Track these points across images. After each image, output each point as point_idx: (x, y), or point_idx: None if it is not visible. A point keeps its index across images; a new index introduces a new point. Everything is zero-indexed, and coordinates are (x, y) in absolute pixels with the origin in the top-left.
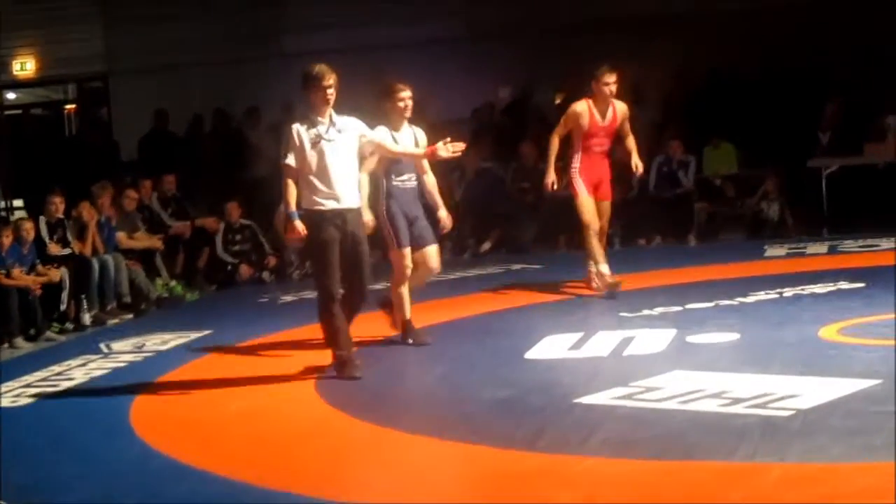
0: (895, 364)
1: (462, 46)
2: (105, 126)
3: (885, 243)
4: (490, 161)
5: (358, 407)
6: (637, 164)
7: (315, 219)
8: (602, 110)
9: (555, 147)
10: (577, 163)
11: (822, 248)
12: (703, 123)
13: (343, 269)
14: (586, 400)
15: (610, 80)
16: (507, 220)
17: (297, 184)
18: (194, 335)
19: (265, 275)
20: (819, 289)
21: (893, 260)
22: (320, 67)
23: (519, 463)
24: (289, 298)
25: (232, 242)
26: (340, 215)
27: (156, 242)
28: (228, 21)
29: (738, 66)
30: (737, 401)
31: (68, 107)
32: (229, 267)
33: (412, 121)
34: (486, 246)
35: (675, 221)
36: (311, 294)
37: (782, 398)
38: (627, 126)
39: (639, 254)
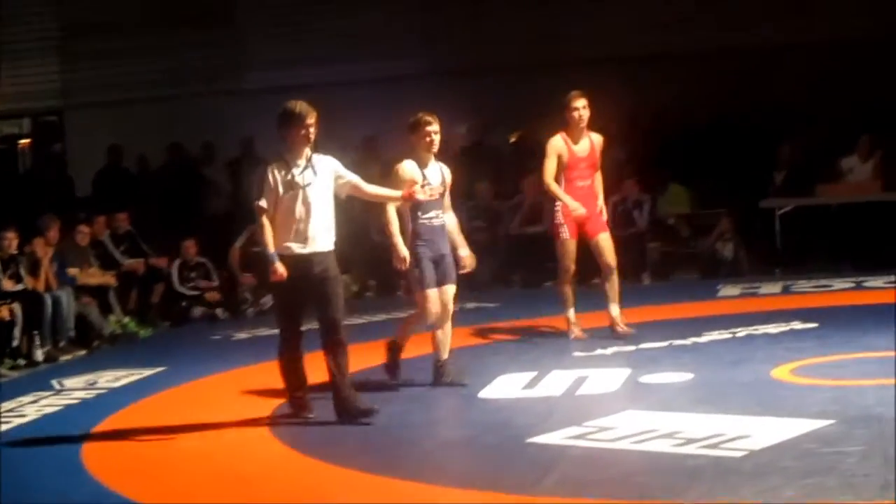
0: (848, 404)
1: (419, 84)
2: (60, 161)
3: (838, 283)
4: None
5: (311, 446)
6: (602, 207)
7: (283, 262)
8: (577, 140)
9: (558, 188)
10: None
11: (775, 288)
12: (659, 164)
13: (314, 307)
14: (540, 439)
15: (580, 105)
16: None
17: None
18: (148, 372)
19: (219, 311)
20: (772, 329)
21: (846, 300)
22: (301, 105)
23: (472, 502)
24: (242, 336)
25: (187, 280)
26: (308, 259)
27: (109, 279)
28: (185, 57)
29: (691, 107)
30: (689, 441)
31: (22, 142)
32: (183, 303)
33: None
34: None
35: (630, 261)
36: (265, 331)
37: (735, 438)
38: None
39: (592, 293)
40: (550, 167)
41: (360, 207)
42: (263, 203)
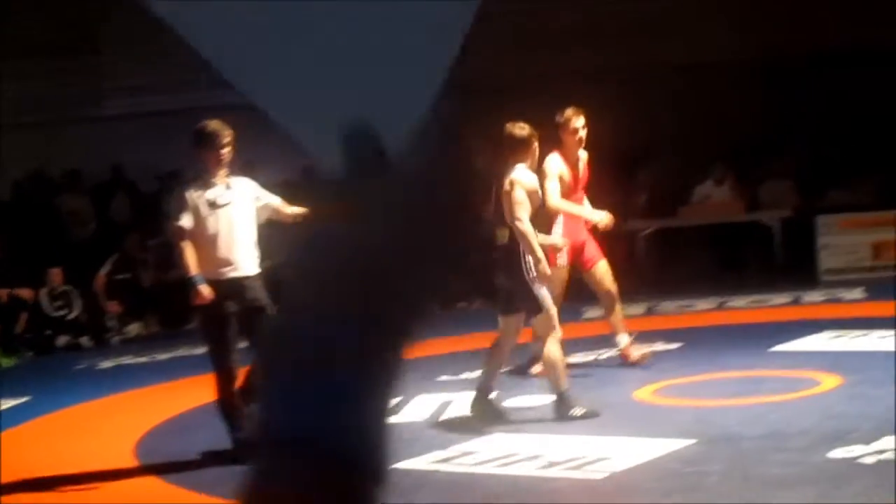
0: (709, 424)
1: None
2: None
3: (701, 304)
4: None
5: (181, 474)
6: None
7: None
8: (575, 161)
9: (571, 204)
10: (558, 231)
11: (639, 309)
12: None
13: (245, 337)
14: (404, 464)
15: (580, 125)
16: None
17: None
18: (11, 402)
19: (84, 340)
20: (635, 350)
21: (709, 321)
22: (215, 124)
23: None
24: (108, 364)
25: (53, 308)
26: (237, 284)
27: None
28: (46, 83)
29: None
30: (552, 464)
31: None
32: (48, 332)
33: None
34: None
35: (492, 284)
36: (129, 360)
37: (597, 460)
38: None
39: (460, 317)
40: (555, 188)
41: None
42: (185, 222)
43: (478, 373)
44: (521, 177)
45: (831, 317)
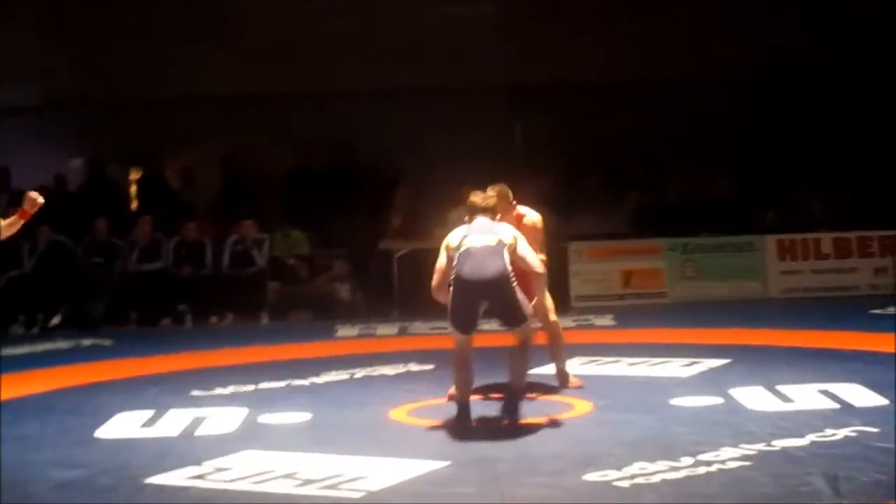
0: (462, 446)
1: (33, 116)
2: None
3: None
4: (62, 234)
5: None
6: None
7: None
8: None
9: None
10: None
11: (392, 329)
12: (279, 204)
13: None
14: (158, 480)
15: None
16: (77, 294)
17: None
18: None
19: None
20: (389, 370)
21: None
22: None
23: None
24: None
25: None
26: None
27: None
28: None
29: (309, 151)
30: (308, 482)
31: None
32: None
33: None
34: (56, 320)
35: (248, 300)
36: None
37: (353, 479)
38: None
39: (211, 332)
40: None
41: None
42: None
43: (230, 388)
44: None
45: (582, 342)
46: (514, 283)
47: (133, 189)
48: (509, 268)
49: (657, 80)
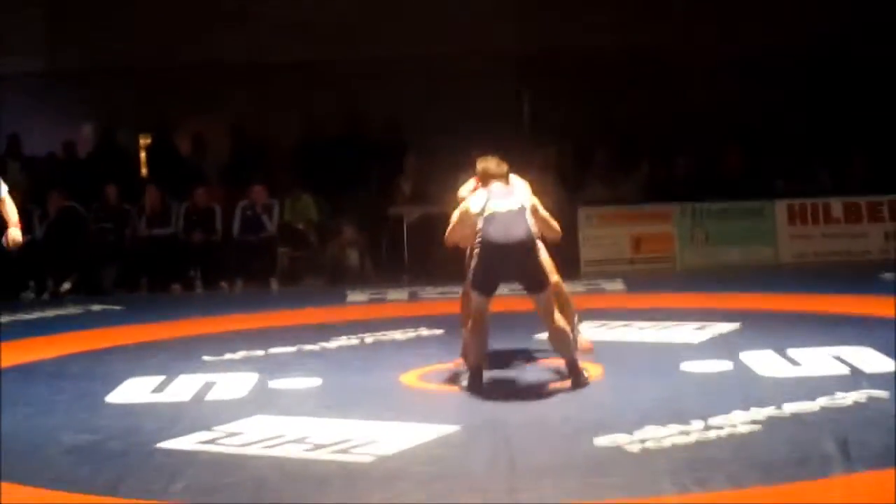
0: (473, 410)
1: (43, 83)
2: None
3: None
4: (73, 200)
5: None
6: None
7: None
8: None
9: None
10: None
11: (402, 294)
12: (289, 172)
13: None
14: (168, 445)
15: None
16: (88, 260)
17: None
18: None
19: None
20: (400, 335)
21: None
22: None
23: None
24: None
25: None
26: None
27: None
28: None
29: (323, 118)
30: (319, 446)
31: None
32: None
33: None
34: (67, 286)
35: (258, 266)
36: None
37: (364, 444)
38: None
39: (221, 298)
40: None
41: None
42: None
43: (241, 354)
44: None
45: (592, 307)
46: (539, 243)
47: (143, 155)
48: (534, 230)
49: (667, 48)
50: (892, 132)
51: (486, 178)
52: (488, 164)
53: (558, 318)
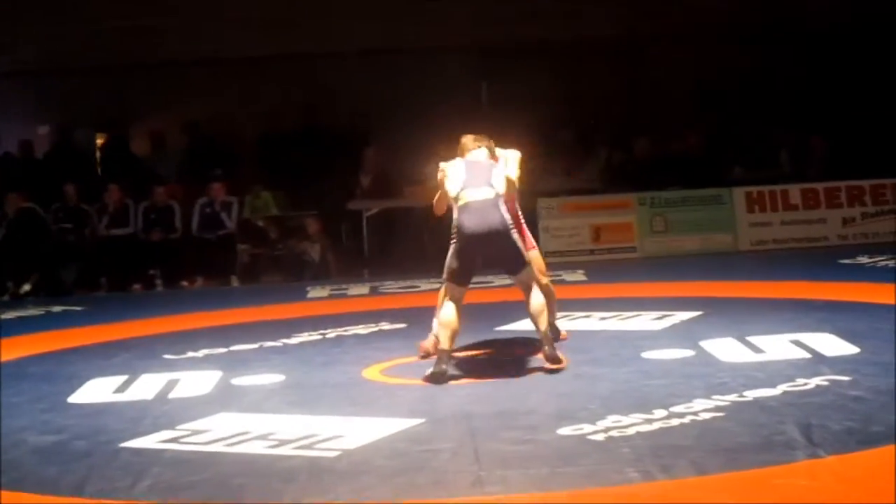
0: (437, 403)
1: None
2: None
3: (424, 285)
4: (31, 201)
5: None
6: None
7: None
8: None
9: None
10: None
11: (363, 289)
12: (248, 168)
13: None
14: (133, 444)
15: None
16: (48, 261)
17: None
18: None
19: None
20: (361, 330)
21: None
22: None
23: None
24: None
25: None
26: None
27: None
28: None
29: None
30: (283, 442)
31: None
32: None
33: None
34: (27, 287)
35: (218, 263)
36: None
37: (328, 439)
38: None
39: (182, 295)
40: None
41: None
42: None
43: (203, 352)
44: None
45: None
46: (514, 231)
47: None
48: (508, 217)
49: (624, 36)
50: (850, 117)
51: (462, 152)
52: (466, 139)
53: (537, 293)
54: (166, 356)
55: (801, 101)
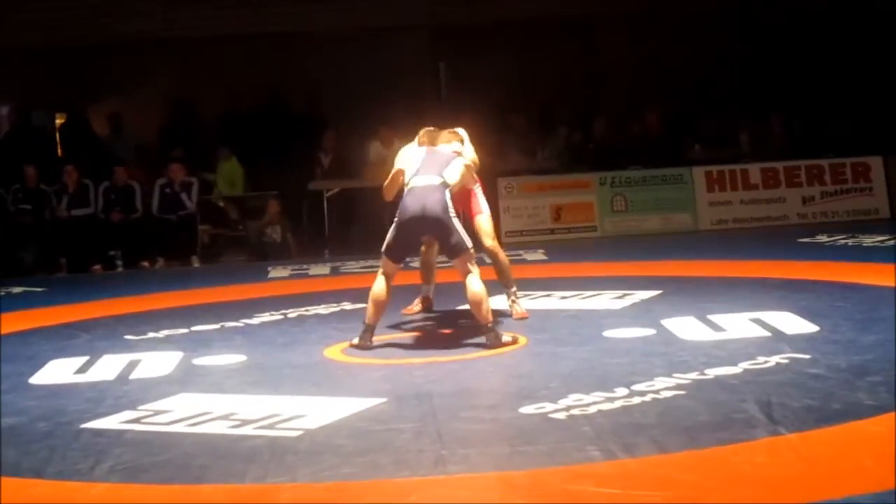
0: (399, 383)
1: None
2: None
3: None
4: None
5: None
6: None
7: None
8: None
9: None
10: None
11: (324, 269)
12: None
13: None
14: (94, 425)
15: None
16: (7, 242)
17: None
18: None
19: None
20: (323, 310)
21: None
22: None
23: (25, 491)
24: None
25: None
26: None
27: None
28: None
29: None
30: (245, 422)
31: None
32: None
33: None
34: None
35: (179, 243)
36: None
37: (290, 419)
38: None
39: (142, 276)
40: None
41: None
42: None
43: (164, 332)
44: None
45: (514, 277)
46: (453, 216)
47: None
48: (448, 202)
49: (582, 16)
50: (811, 96)
51: (433, 141)
52: (444, 132)
53: (473, 281)
54: (127, 337)
55: (760, 79)
